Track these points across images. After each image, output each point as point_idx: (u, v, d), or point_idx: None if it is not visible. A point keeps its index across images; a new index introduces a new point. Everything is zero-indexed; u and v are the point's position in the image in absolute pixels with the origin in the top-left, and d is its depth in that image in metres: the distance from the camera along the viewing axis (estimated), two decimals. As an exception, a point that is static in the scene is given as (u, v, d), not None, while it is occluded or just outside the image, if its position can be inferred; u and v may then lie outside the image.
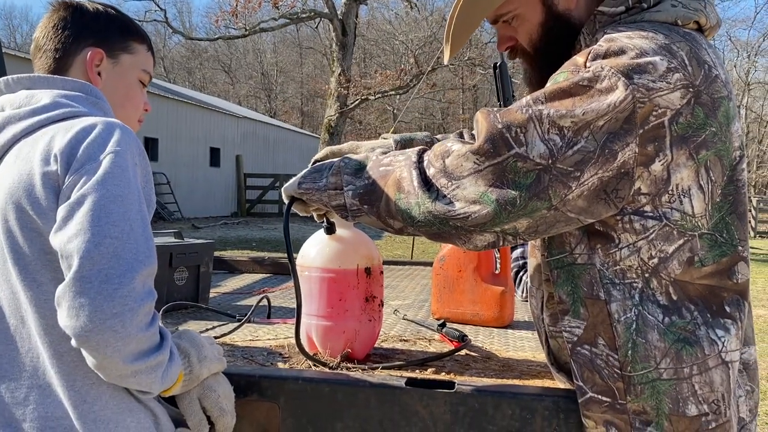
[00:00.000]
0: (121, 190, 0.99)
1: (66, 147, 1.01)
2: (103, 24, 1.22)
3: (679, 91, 1.01)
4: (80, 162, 1.00)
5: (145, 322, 0.95)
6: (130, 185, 1.00)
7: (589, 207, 1.04)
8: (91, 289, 0.91)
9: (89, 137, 1.02)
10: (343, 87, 17.03)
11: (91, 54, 1.19)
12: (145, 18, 19.79)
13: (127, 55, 1.24)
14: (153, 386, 1.00)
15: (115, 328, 0.91)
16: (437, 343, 1.69)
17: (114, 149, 1.01)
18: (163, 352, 1.00)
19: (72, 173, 0.99)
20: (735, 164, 1.09)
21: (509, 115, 1.06)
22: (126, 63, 1.24)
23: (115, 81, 1.22)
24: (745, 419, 1.12)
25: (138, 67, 1.26)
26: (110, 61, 1.21)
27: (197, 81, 45.28)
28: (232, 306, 2.14)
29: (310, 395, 1.22)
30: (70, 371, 1.02)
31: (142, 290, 0.95)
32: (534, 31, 1.21)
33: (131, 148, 1.04)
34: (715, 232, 1.08)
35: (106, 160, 1.00)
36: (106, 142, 1.02)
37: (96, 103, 1.15)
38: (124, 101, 1.24)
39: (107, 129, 1.04)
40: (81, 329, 0.91)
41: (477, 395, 1.17)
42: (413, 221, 1.13)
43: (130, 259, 0.95)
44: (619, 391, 1.07)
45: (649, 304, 1.07)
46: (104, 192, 0.97)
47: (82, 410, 1.01)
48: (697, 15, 1.11)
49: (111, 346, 0.92)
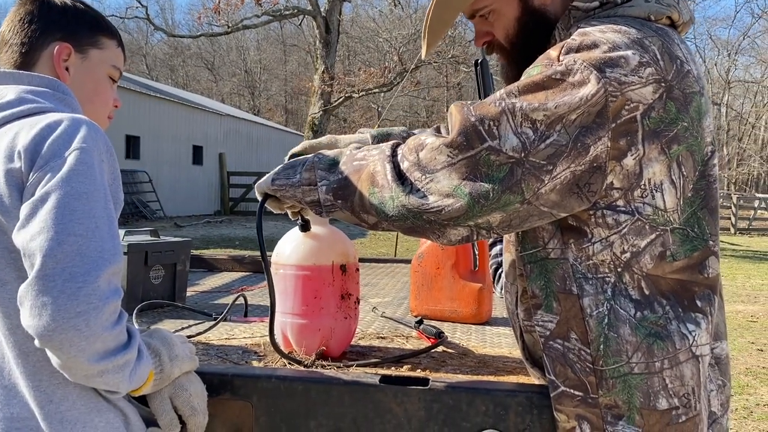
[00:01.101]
0: (87, 187, 0.97)
1: (30, 143, 0.99)
2: (71, 18, 1.19)
3: (651, 86, 1.01)
4: (44, 159, 0.98)
5: (111, 320, 0.93)
6: (95, 182, 0.98)
7: (562, 201, 1.04)
8: (54, 287, 0.89)
9: (54, 133, 1.00)
10: (327, 84, 16.99)
11: (59, 48, 1.16)
12: (126, 15, 19.62)
13: (95, 50, 1.22)
14: (120, 386, 0.99)
15: (79, 327, 0.89)
16: (414, 340, 1.68)
17: (80, 146, 0.99)
18: (130, 350, 0.98)
19: (36, 170, 0.97)
20: (707, 159, 1.09)
21: (483, 108, 1.06)
22: (95, 58, 1.21)
23: (84, 76, 1.20)
24: (717, 413, 1.13)
25: (107, 63, 1.23)
26: (78, 56, 1.19)
27: (180, 79, 44.94)
28: (209, 305, 2.12)
29: (284, 393, 1.21)
30: (35, 371, 1.00)
31: (108, 288, 0.93)
32: (510, 26, 1.21)
33: (98, 145, 1.02)
34: (687, 227, 1.08)
35: (71, 156, 0.98)
36: (72, 138, 1.00)
37: (63, 99, 1.12)
38: (92, 97, 1.21)
39: (73, 125, 1.02)
40: (44, 329, 0.89)
41: (451, 392, 1.17)
42: (387, 215, 1.12)
43: (94, 257, 0.93)
44: (591, 385, 1.07)
45: (621, 299, 1.07)
46: (69, 189, 0.95)
47: (48, 410, 0.99)
48: (669, 10, 1.12)
49: (75, 345, 0.90)
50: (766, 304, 8.09)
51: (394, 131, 1.47)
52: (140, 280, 1.91)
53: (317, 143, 1.44)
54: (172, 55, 45.25)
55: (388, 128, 1.49)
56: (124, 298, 1.77)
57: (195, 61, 45.53)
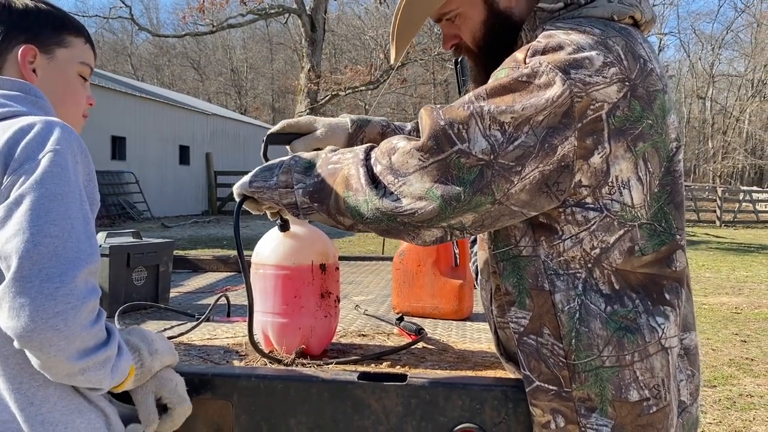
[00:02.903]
0: (61, 189, 0.97)
1: (3, 147, 1.00)
2: (34, 19, 1.19)
3: (616, 85, 1.03)
4: (18, 162, 0.98)
5: (90, 319, 0.95)
6: (70, 184, 0.99)
7: (532, 200, 1.06)
8: (31, 288, 0.90)
9: (27, 137, 1.00)
10: (313, 83, 16.97)
11: (23, 51, 1.16)
12: (110, 15, 19.48)
13: (62, 49, 1.21)
14: (103, 382, 1.00)
15: (58, 327, 0.90)
16: (396, 337, 1.70)
17: (53, 148, 1.00)
18: (110, 347, 0.99)
19: (10, 174, 0.98)
20: (672, 155, 1.11)
21: (452, 112, 1.07)
22: (62, 57, 1.21)
23: (53, 77, 1.19)
24: (686, 402, 1.16)
25: (75, 61, 1.23)
26: (44, 56, 1.18)
27: (166, 78, 44.68)
28: (192, 305, 2.12)
29: (264, 392, 1.22)
30: (15, 374, 1.00)
31: (85, 288, 0.94)
32: (477, 29, 1.22)
33: (71, 147, 1.02)
34: (654, 222, 1.11)
35: (45, 159, 0.98)
36: (45, 140, 1.00)
37: (36, 102, 1.13)
38: (64, 97, 1.21)
39: (46, 128, 1.02)
40: (23, 329, 0.90)
41: (428, 387, 1.19)
42: (362, 218, 1.14)
43: (71, 257, 0.94)
44: (564, 379, 1.10)
45: (591, 294, 1.10)
46: (43, 191, 0.96)
47: (29, 413, 1.00)
48: (632, 10, 1.14)
49: (55, 345, 0.91)
50: (750, 296, 8.19)
51: (374, 119, 1.50)
52: (123, 282, 1.91)
53: (295, 122, 1.46)
54: (157, 54, 44.97)
55: (369, 116, 1.52)
56: (106, 300, 1.80)
57: (181, 61, 45.28)
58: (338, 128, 1.46)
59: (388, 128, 1.51)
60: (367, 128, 1.48)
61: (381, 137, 1.49)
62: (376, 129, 1.49)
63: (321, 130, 1.45)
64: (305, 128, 1.46)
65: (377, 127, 1.49)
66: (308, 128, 1.46)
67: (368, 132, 1.48)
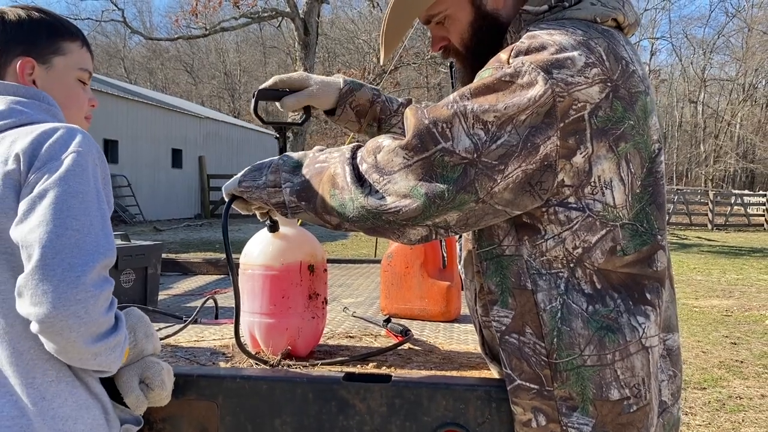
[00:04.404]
0: (82, 188, 1.03)
1: (29, 147, 1.04)
2: (27, 30, 1.20)
3: (597, 86, 1.05)
4: (42, 161, 1.04)
5: (105, 306, 0.99)
6: (89, 183, 1.04)
7: (515, 199, 1.07)
8: (54, 276, 0.95)
9: (51, 138, 1.06)
10: (306, 86, 16.93)
11: (21, 64, 1.18)
12: (102, 18, 19.43)
13: (59, 58, 1.22)
14: (112, 366, 1.05)
15: (79, 314, 0.95)
16: (383, 338, 1.71)
17: (76, 149, 1.05)
18: (120, 332, 1.04)
19: (34, 171, 1.03)
20: (654, 156, 1.13)
21: (436, 111, 1.08)
22: (60, 66, 1.22)
23: (53, 86, 1.21)
24: (667, 402, 1.16)
25: (74, 68, 1.24)
26: (42, 67, 1.20)
27: (159, 82, 44.60)
28: (181, 308, 2.13)
29: (249, 393, 1.23)
30: (29, 370, 1.03)
31: (103, 278, 1.00)
32: (465, 31, 1.23)
33: (91, 151, 1.08)
34: (636, 222, 1.12)
35: (68, 159, 1.04)
36: (68, 143, 1.06)
37: (49, 110, 1.17)
38: (66, 102, 1.23)
39: (68, 132, 1.08)
40: (45, 315, 0.94)
41: (412, 387, 1.19)
42: (348, 217, 1.14)
43: (91, 249, 0.99)
44: (546, 378, 1.10)
45: (573, 293, 1.10)
46: (66, 188, 1.01)
47: (42, 407, 1.03)
48: (615, 13, 1.15)
49: (75, 330, 0.96)
50: (740, 299, 8.23)
51: (366, 85, 1.54)
52: (110, 284, 1.91)
53: (288, 78, 1.49)
54: (150, 58, 44.88)
55: (362, 81, 1.55)
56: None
57: (174, 64, 45.21)
58: (330, 86, 1.50)
59: (378, 97, 1.55)
60: (358, 92, 1.52)
61: (370, 104, 1.54)
62: (367, 95, 1.54)
63: (313, 87, 1.49)
64: (298, 84, 1.49)
65: (368, 93, 1.54)
66: (301, 84, 1.49)
67: (358, 96, 1.52)
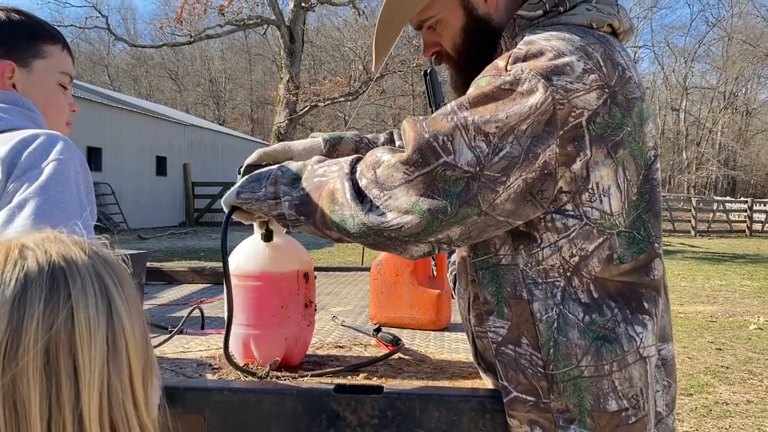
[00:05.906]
0: (63, 197, 0.99)
1: (7, 155, 1.01)
2: (8, 33, 1.17)
3: (595, 92, 1.03)
4: (22, 169, 1.00)
5: None
6: (71, 192, 1.01)
7: (517, 209, 1.05)
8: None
9: (31, 146, 1.02)
10: (292, 94, 16.94)
11: (1, 67, 1.14)
12: (86, 25, 19.31)
13: (39, 61, 1.19)
14: None
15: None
16: (373, 348, 1.68)
17: (57, 157, 1.02)
18: None
19: (13, 180, 1.00)
20: (650, 164, 1.11)
21: (435, 123, 1.06)
22: (40, 69, 1.19)
23: (32, 90, 1.18)
24: (662, 413, 1.15)
25: (54, 71, 1.21)
26: (23, 70, 1.17)
27: (143, 89, 44.34)
28: (166, 318, 2.08)
29: (237, 406, 1.19)
30: None
31: None
32: (457, 36, 1.22)
33: (73, 158, 1.05)
34: (633, 230, 1.10)
35: (49, 167, 1.00)
36: (49, 151, 1.02)
37: (29, 115, 1.13)
38: (45, 107, 1.20)
39: (49, 139, 1.05)
40: None
41: (404, 398, 1.17)
42: (349, 233, 1.11)
43: None
44: (542, 390, 1.08)
45: (570, 303, 1.08)
46: (46, 197, 0.98)
47: None
48: (610, 19, 1.14)
49: None
50: (724, 305, 8.29)
51: (346, 135, 1.49)
52: (93, 294, 1.86)
53: (272, 150, 1.44)
54: (134, 65, 44.63)
55: (340, 132, 1.50)
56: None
57: (158, 71, 44.98)
58: (313, 150, 1.45)
59: (361, 143, 1.50)
60: (340, 146, 1.47)
61: (355, 153, 1.48)
62: (350, 145, 1.48)
63: (296, 157, 1.44)
64: (282, 156, 1.45)
65: (350, 143, 1.48)
66: (285, 156, 1.44)
67: (342, 149, 1.47)
